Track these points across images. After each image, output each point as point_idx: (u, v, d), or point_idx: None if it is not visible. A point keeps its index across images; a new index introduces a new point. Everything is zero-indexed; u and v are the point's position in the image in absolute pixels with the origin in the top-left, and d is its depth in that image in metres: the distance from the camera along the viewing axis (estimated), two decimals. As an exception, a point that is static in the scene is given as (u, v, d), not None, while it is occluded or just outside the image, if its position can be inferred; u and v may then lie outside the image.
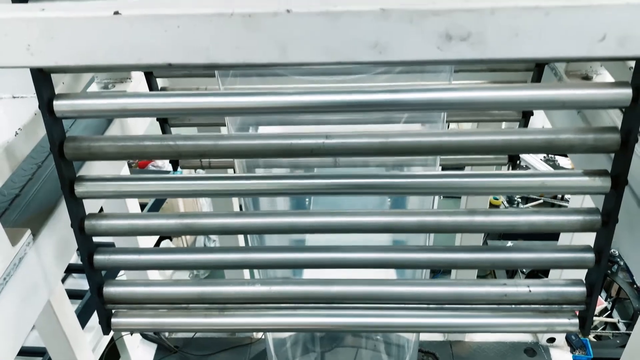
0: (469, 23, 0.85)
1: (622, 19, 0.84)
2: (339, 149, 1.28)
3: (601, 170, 1.29)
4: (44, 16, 0.89)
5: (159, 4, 0.90)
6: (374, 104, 1.23)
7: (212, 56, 0.91)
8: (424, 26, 0.86)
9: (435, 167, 1.86)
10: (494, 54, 0.88)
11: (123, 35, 0.89)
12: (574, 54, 0.88)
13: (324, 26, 0.87)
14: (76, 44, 0.90)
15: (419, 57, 0.90)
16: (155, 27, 0.88)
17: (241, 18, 0.87)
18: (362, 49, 0.89)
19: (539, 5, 0.84)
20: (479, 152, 1.26)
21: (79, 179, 1.36)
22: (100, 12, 0.89)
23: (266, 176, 1.35)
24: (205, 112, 1.26)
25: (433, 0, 0.86)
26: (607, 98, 1.18)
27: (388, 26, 0.87)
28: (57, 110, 1.25)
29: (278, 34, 0.89)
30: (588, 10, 0.84)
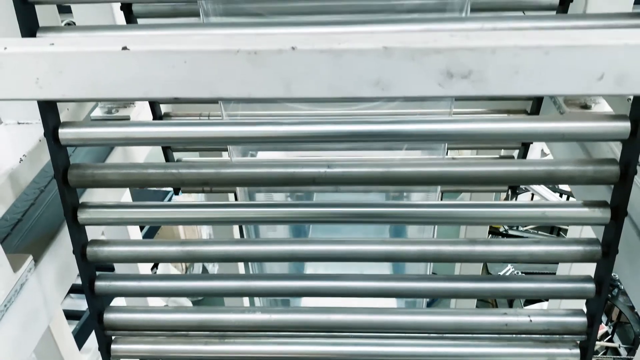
0: (470, 61, 0.87)
1: (620, 59, 0.86)
2: (341, 178, 1.29)
3: (601, 202, 1.30)
4: (53, 51, 0.91)
5: (167, 40, 0.92)
6: (375, 135, 1.25)
7: (217, 91, 0.93)
8: (425, 64, 0.88)
9: (436, 192, 1.87)
10: (495, 90, 0.90)
11: (130, 70, 0.91)
12: (572, 91, 0.90)
13: (327, 63, 0.89)
14: (84, 78, 0.92)
15: (420, 94, 0.91)
16: (162, 62, 0.90)
17: (247, 55, 0.89)
18: (365, 86, 0.91)
19: (539, 45, 0.86)
20: (480, 183, 1.28)
21: (82, 206, 1.36)
22: (108, 47, 0.90)
23: (267, 204, 1.36)
24: (208, 142, 1.28)
25: (434, 39, 0.87)
26: (606, 131, 1.19)
27: (390, 64, 0.88)
28: (62, 139, 1.26)
29: (283, 71, 0.90)
30: (587, 50, 0.86)
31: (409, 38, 0.88)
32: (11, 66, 0.92)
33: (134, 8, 1.51)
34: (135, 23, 1.58)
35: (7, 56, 0.91)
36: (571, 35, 0.87)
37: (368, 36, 0.90)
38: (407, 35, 0.89)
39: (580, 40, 0.86)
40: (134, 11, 1.55)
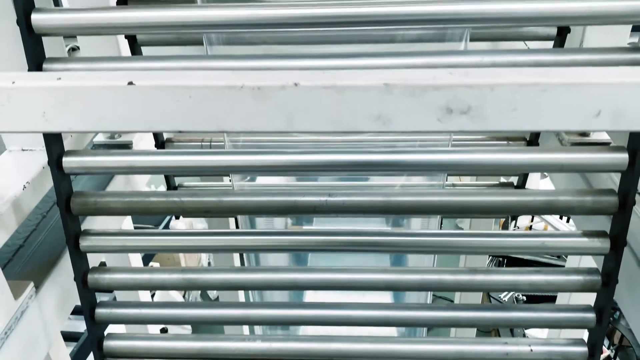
0: (469, 98, 0.89)
1: (616, 96, 0.88)
2: (342, 207, 1.30)
3: (600, 232, 1.31)
4: (60, 85, 0.93)
5: (172, 75, 0.94)
6: (376, 164, 1.27)
7: (221, 125, 0.94)
8: (425, 100, 0.90)
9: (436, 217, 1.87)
10: (493, 126, 0.91)
11: (136, 105, 0.92)
12: (570, 127, 0.91)
13: (329, 99, 0.91)
14: (90, 112, 0.93)
15: (420, 129, 0.93)
16: (167, 97, 0.92)
17: (251, 90, 0.91)
18: (366, 120, 0.92)
19: (537, 82, 0.87)
20: (480, 213, 1.29)
21: (84, 233, 1.37)
22: (114, 81, 0.92)
23: (267, 232, 1.37)
24: (210, 171, 1.29)
25: (434, 76, 0.89)
26: (604, 162, 1.21)
27: (391, 99, 0.90)
28: (66, 167, 1.28)
29: (285, 106, 0.92)
30: (584, 88, 0.87)
31: (409, 75, 0.90)
32: (19, 100, 0.94)
33: (139, 37, 1.54)
34: (139, 51, 1.61)
35: (15, 90, 0.93)
36: (568, 73, 0.89)
37: (369, 73, 0.92)
38: (407, 72, 0.91)
39: (577, 78, 0.87)
40: (138, 39, 1.57)
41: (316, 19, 1.14)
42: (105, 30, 1.20)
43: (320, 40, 1.49)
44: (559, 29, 1.52)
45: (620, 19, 1.12)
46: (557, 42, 1.56)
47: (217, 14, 1.17)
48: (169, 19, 1.16)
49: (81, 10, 1.20)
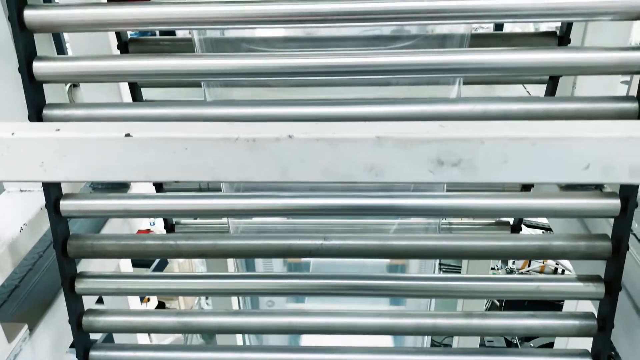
0: (459, 151, 0.90)
1: (605, 150, 0.89)
2: (337, 250, 1.31)
3: (594, 276, 1.31)
4: (58, 136, 0.94)
5: (169, 126, 0.96)
6: (371, 209, 1.28)
7: (217, 175, 0.96)
8: (416, 153, 0.91)
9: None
10: (484, 178, 0.93)
11: (133, 156, 0.94)
12: (560, 179, 0.93)
13: (323, 151, 0.92)
14: (88, 163, 0.95)
15: (412, 180, 0.94)
16: (164, 149, 0.93)
17: (246, 142, 0.92)
18: (359, 171, 0.94)
19: (527, 136, 0.89)
20: (474, 257, 1.29)
21: (80, 276, 1.37)
22: (112, 133, 0.94)
23: (264, 275, 1.37)
24: (208, 214, 1.30)
25: (426, 130, 0.91)
26: (597, 208, 1.22)
27: (383, 152, 0.92)
28: (64, 210, 1.29)
29: (280, 157, 0.93)
30: (573, 142, 0.89)
31: (400, 128, 0.92)
32: (18, 150, 0.95)
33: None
34: (139, 92, 1.64)
35: (15, 141, 0.95)
36: (557, 127, 0.91)
37: (362, 125, 0.94)
38: (399, 125, 0.93)
39: (566, 133, 0.89)
40: (139, 82, 1.61)
41: (312, 69, 1.17)
42: (105, 78, 1.22)
43: (316, 83, 1.52)
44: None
45: (611, 70, 1.15)
46: (550, 85, 1.59)
47: (216, 63, 1.20)
48: (169, 68, 1.19)
49: (83, 59, 1.22)
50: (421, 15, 1.13)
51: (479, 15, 1.12)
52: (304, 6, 1.14)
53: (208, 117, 1.22)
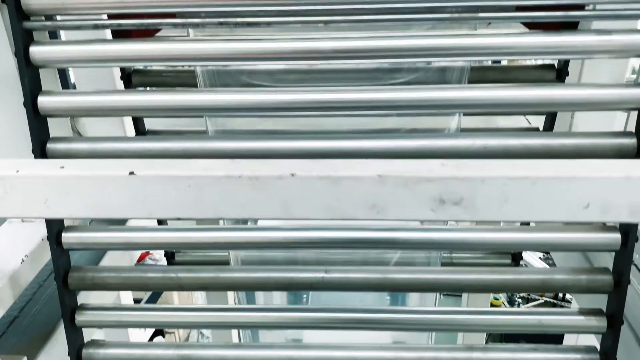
0: (461, 189, 0.91)
1: (604, 190, 0.90)
2: (338, 284, 1.31)
3: (596, 309, 1.31)
4: (62, 174, 0.95)
5: (172, 165, 0.96)
6: (372, 242, 1.28)
7: (219, 212, 0.96)
8: (418, 191, 0.92)
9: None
10: (485, 216, 0.93)
11: (136, 194, 0.95)
12: (560, 218, 0.93)
13: (325, 189, 0.93)
14: (91, 200, 0.96)
15: (414, 217, 0.95)
16: (167, 186, 0.94)
17: (249, 180, 0.93)
18: (360, 209, 0.95)
19: (527, 176, 0.90)
20: (476, 291, 1.29)
21: (80, 308, 1.37)
22: (116, 171, 0.95)
23: (265, 308, 1.37)
24: (210, 247, 1.30)
25: (427, 169, 0.92)
26: (598, 242, 1.23)
27: (385, 190, 0.92)
28: (65, 243, 1.29)
29: (282, 195, 0.94)
30: (572, 181, 0.90)
31: (402, 167, 0.93)
32: (22, 188, 0.96)
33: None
34: (141, 120, 1.65)
35: (19, 179, 0.96)
36: (557, 166, 0.92)
37: (364, 163, 0.95)
38: (400, 164, 0.94)
39: (566, 172, 0.90)
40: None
41: (312, 104, 1.19)
42: (109, 113, 1.23)
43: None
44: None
45: (608, 106, 1.17)
46: (549, 116, 1.61)
47: (217, 98, 1.21)
48: (172, 103, 1.20)
49: (87, 93, 1.24)
50: (421, 52, 1.15)
51: (478, 53, 1.14)
52: (305, 44, 1.16)
53: (211, 151, 1.22)
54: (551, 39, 1.12)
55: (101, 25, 1.18)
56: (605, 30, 1.12)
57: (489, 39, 1.14)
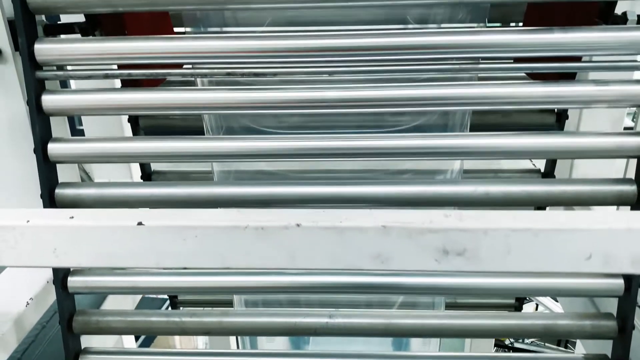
0: (464, 241, 0.93)
1: (606, 241, 0.91)
2: (342, 329, 1.31)
3: (601, 355, 1.30)
4: (72, 224, 0.97)
5: (179, 215, 0.98)
6: (374, 287, 1.29)
7: (225, 261, 0.97)
8: (422, 242, 0.93)
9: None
10: (488, 267, 0.94)
11: (144, 243, 0.96)
12: (562, 269, 0.94)
13: (330, 239, 0.95)
14: (100, 250, 0.97)
15: (418, 268, 0.96)
16: (174, 236, 0.96)
17: (254, 230, 0.95)
18: (365, 259, 0.96)
19: (529, 228, 0.91)
20: (480, 336, 1.29)
21: (84, 352, 1.37)
22: (124, 221, 0.96)
23: (269, 353, 1.37)
24: (213, 291, 1.31)
25: (430, 220, 0.93)
26: (601, 288, 1.23)
27: (389, 241, 0.94)
28: (71, 287, 1.30)
29: (288, 245, 0.95)
30: (574, 233, 0.91)
31: (406, 217, 0.94)
32: (31, 237, 0.98)
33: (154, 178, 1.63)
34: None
35: (29, 228, 0.97)
36: (559, 218, 0.93)
37: (368, 214, 0.97)
38: (404, 214, 0.95)
39: (568, 224, 0.91)
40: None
41: (316, 151, 1.21)
42: (117, 159, 1.26)
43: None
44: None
45: (607, 154, 1.19)
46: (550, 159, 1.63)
47: (224, 145, 1.24)
48: (179, 150, 1.23)
49: (95, 140, 1.27)
50: (424, 102, 1.18)
51: (480, 102, 1.17)
52: (311, 94, 1.19)
53: (216, 197, 1.24)
54: (551, 89, 1.15)
55: (111, 75, 1.22)
56: (603, 81, 1.15)
57: (490, 88, 1.17)
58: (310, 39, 1.15)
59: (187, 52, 1.17)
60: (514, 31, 1.14)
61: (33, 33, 1.19)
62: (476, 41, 1.12)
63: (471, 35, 1.13)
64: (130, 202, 1.28)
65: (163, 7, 1.15)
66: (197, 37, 1.24)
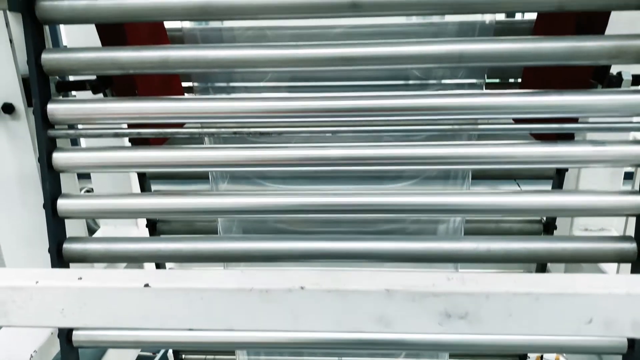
0: (466, 304, 0.94)
1: (607, 306, 0.92)
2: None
3: (607, 412, 1.29)
4: (80, 285, 0.98)
5: (185, 276, 1.00)
6: (375, 344, 1.29)
7: (230, 324, 0.98)
8: (425, 305, 0.94)
9: None
10: (490, 330, 0.95)
11: (150, 305, 0.97)
12: (563, 333, 0.95)
13: (333, 302, 0.96)
14: (107, 311, 0.98)
15: (421, 331, 0.97)
16: (180, 298, 0.97)
17: (259, 293, 0.96)
18: (368, 322, 0.97)
19: (530, 292, 0.92)
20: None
21: (86, 407, 1.36)
22: (132, 283, 0.98)
23: None
24: (221, 347, 1.31)
25: (433, 283, 0.95)
26: (604, 345, 1.24)
27: (392, 304, 0.95)
28: (75, 340, 1.31)
29: (292, 307, 0.96)
30: (575, 297, 0.92)
31: (409, 281, 0.95)
32: (40, 298, 0.99)
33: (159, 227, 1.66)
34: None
35: (38, 290, 0.99)
36: (560, 282, 0.94)
37: (371, 276, 0.98)
38: (407, 277, 0.97)
39: (569, 289, 0.92)
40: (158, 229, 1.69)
41: (316, 207, 1.24)
42: (125, 215, 1.28)
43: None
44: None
45: (606, 212, 1.21)
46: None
47: (232, 201, 1.26)
48: (187, 207, 1.25)
49: (104, 197, 1.29)
50: (425, 161, 1.21)
51: (479, 161, 1.20)
52: (314, 152, 1.22)
53: (221, 253, 1.26)
54: (549, 149, 1.18)
55: (121, 134, 1.25)
56: (600, 141, 1.18)
57: (490, 148, 1.20)
58: (313, 101, 1.19)
59: (196, 112, 1.21)
60: (512, 94, 1.17)
61: (46, 93, 1.23)
62: (474, 103, 1.16)
63: (470, 97, 1.17)
64: (136, 257, 1.30)
65: (172, 69, 1.19)
66: (205, 99, 1.28)
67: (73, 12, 1.18)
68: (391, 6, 1.13)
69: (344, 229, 1.52)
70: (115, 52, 1.19)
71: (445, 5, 1.13)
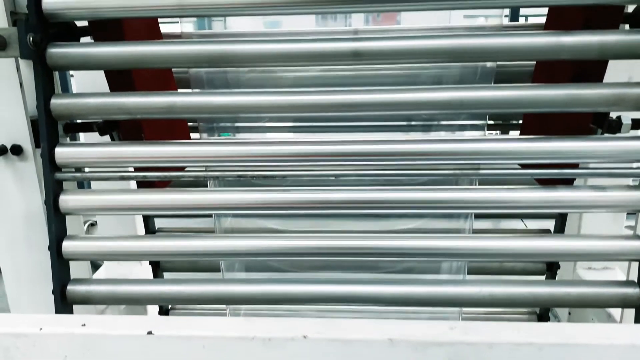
0: (468, 354, 0.93)
1: (609, 357, 0.92)
2: None
3: None
4: (83, 332, 0.99)
5: (188, 324, 1.00)
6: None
7: (232, 371, 0.98)
8: (427, 355, 0.94)
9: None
10: (495, 386, 0.95)
11: (153, 353, 0.98)
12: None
13: (336, 351, 0.96)
14: (110, 358, 0.98)
15: (424, 381, 0.96)
16: (183, 346, 0.97)
17: (262, 341, 0.96)
18: (371, 370, 0.96)
19: (533, 342, 0.92)
20: None
21: None
22: (135, 330, 0.98)
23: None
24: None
25: (436, 332, 0.95)
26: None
27: (395, 353, 0.95)
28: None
29: (294, 356, 0.97)
30: (577, 348, 0.92)
31: (412, 330, 0.96)
32: (44, 345, 0.99)
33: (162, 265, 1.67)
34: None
35: (42, 337, 0.99)
36: (563, 332, 0.94)
37: (374, 325, 0.98)
38: (410, 327, 0.97)
39: (571, 339, 0.92)
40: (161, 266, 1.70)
41: (315, 250, 1.25)
42: (130, 258, 1.29)
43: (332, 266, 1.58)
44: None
45: (608, 257, 1.21)
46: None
47: (233, 244, 1.27)
48: (191, 249, 1.26)
49: (109, 239, 1.30)
50: (427, 205, 1.22)
51: (481, 206, 1.21)
52: (318, 195, 1.23)
53: (224, 296, 1.27)
54: (550, 194, 1.19)
55: (127, 177, 1.27)
56: (601, 187, 1.19)
57: (492, 193, 1.21)
58: (317, 145, 1.21)
59: (200, 156, 1.23)
60: (513, 139, 1.19)
61: (55, 137, 1.26)
62: (477, 149, 1.17)
63: (472, 143, 1.18)
64: (140, 300, 1.31)
65: (178, 115, 1.22)
66: (210, 143, 1.30)
67: (82, 59, 1.21)
68: (391, 55, 1.16)
69: (346, 265, 1.52)
70: (123, 97, 1.22)
71: (445, 53, 1.15)
